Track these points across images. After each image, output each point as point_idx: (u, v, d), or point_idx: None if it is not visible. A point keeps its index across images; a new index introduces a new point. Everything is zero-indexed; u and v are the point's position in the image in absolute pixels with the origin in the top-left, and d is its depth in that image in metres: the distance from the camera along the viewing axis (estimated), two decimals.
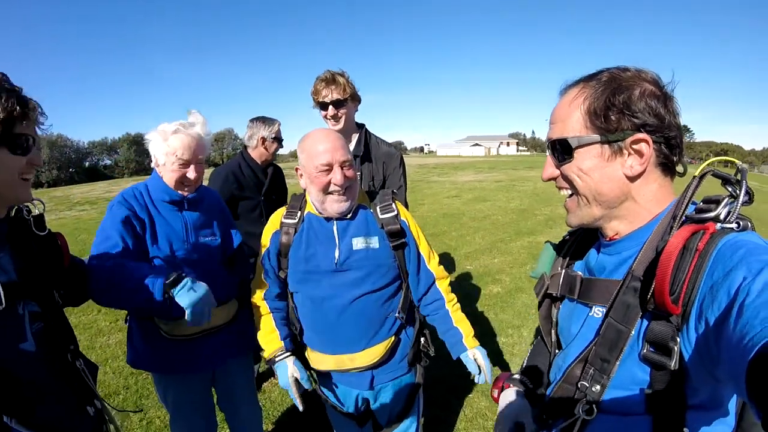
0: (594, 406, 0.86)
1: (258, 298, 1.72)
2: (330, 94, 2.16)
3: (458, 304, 1.75)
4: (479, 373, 1.64)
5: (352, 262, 1.56)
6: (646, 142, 0.80)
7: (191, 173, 1.74)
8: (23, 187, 1.08)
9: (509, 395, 1.17)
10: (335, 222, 1.58)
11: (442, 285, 1.73)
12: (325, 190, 1.49)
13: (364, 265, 1.56)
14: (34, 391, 1.07)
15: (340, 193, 1.50)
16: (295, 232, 1.60)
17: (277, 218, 1.67)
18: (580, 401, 0.88)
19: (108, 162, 69.70)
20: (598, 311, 0.91)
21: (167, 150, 1.70)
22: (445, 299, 1.72)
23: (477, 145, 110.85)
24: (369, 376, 1.65)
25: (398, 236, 1.61)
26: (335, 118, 2.21)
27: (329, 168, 1.47)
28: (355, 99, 2.28)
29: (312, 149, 1.49)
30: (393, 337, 1.65)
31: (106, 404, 1.31)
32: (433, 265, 1.72)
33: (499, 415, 1.15)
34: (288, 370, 1.59)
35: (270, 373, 3.43)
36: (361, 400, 1.74)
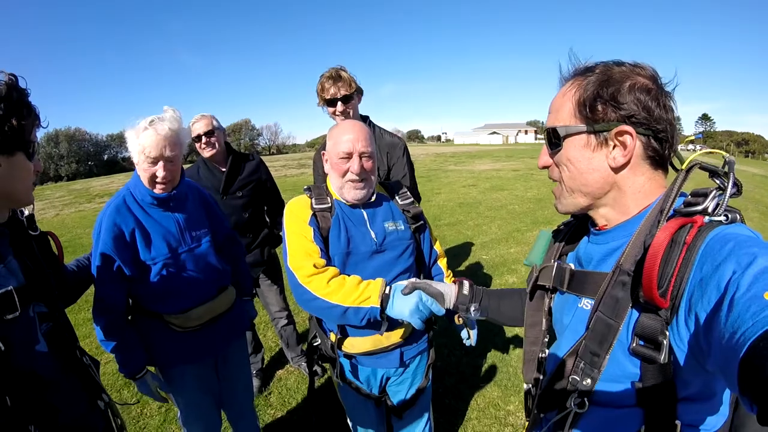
0: (586, 399, 0.88)
1: (317, 269, 1.49)
2: (338, 91, 2.20)
3: (452, 279, 1.87)
4: (468, 338, 1.74)
5: (388, 243, 1.65)
6: (630, 134, 0.81)
7: (160, 171, 1.70)
8: (31, 190, 1.13)
9: (447, 285, 1.41)
10: (363, 210, 1.67)
11: (443, 262, 1.89)
12: (343, 177, 1.58)
13: (397, 246, 1.66)
14: (53, 393, 1.10)
15: (356, 181, 1.57)
16: (332, 215, 1.64)
17: (306, 204, 1.64)
18: (571, 394, 0.90)
19: (127, 154, 70.86)
20: (587, 303, 0.92)
21: (138, 148, 1.68)
22: (445, 274, 1.87)
23: (494, 133, 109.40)
24: (398, 353, 1.71)
25: (419, 219, 1.76)
26: (344, 113, 2.24)
27: (349, 156, 1.56)
28: (360, 92, 2.32)
29: (337, 137, 1.58)
30: None
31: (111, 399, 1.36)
32: (437, 245, 1.89)
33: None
34: (405, 281, 1.42)
35: (285, 361, 3.50)
36: (384, 379, 1.80)
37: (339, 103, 2.22)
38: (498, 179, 15.49)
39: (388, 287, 1.46)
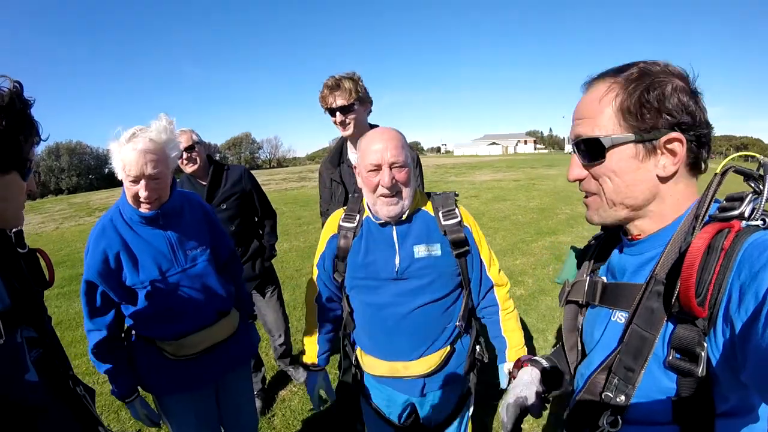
0: (619, 416, 0.83)
1: (311, 299, 1.77)
2: (335, 101, 2.15)
3: (514, 312, 1.69)
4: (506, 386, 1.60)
5: (414, 270, 1.50)
6: (680, 141, 0.77)
7: (142, 191, 1.54)
8: (22, 210, 1.04)
9: (525, 373, 1.14)
10: (394, 227, 1.53)
11: (500, 292, 1.67)
12: (374, 192, 1.46)
13: (426, 274, 1.51)
14: (45, 427, 1.01)
15: (388, 195, 1.44)
16: (354, 236, 1.56)
17: (335, 221, 1.63)
18: (604, 412, 0.85)
19: None
20: (620, 316, 0.88)
21: (119, 164, 1.54)
22: (500, 307, 1.66)
23: (494, 144, 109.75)
24: (420, 383, 1.60)
25: (462, 245, 1.54)
26: (343, 124, 2.19)
27: (378, 168, 1.42)
28: (365, 102, 2.23)
29: (365, 148, 1.46)
30: (449, 347, 1.61)
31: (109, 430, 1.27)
32: (493, 272, 1.65)
33: (509, 389, 1.12)
34: (317, 383, 1.77)
35: (288, 381, 3.42)
36: (407, 406, 1.70)
37: (337, 113, 2.16)
38: (499, 190, 15.45)
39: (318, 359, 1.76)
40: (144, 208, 1.61)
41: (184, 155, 2.66)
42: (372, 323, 1.60)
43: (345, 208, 1.65)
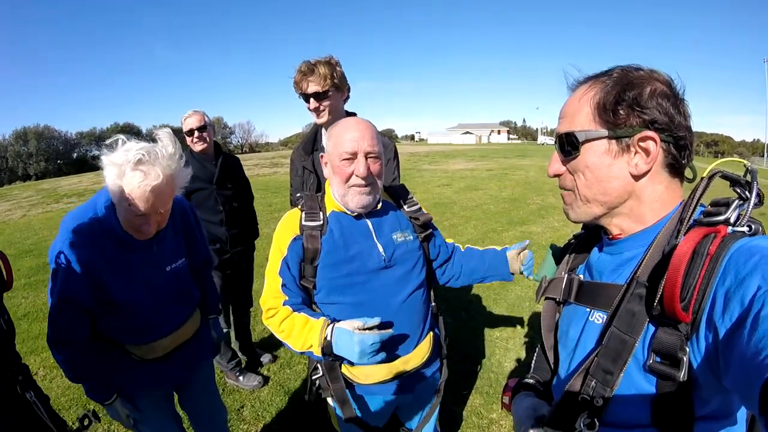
0: (596, 419, 0.82)
1: (274, 310, 1.47)
2: (308, 87, 2.06)
3: None
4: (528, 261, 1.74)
5: (398, 256, 1.51)
6: (654, 140, 0.78)
7: (145, 226, 1.43)
8: None
9: (522, 398, 1.12)
10: (366, 218, 1.51)
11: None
12: (347, 182, 1.41)
13: (408, 259, 1.53)
14: None
15: (362, 185, 1.40)
16: (322, 234, 1.46)
17: (294, 222, 1.49)
18: (581, 414, 0.84)
19: (97, 153, 68.66)
20: (598, 317, 0.88)
21: (117, 190, 1.37)
22: (463, 246, 1.84)
23: (468, 133, 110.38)
24: (411, 379, 1.56)
25: (428, 227, 1.62)
26: (317, 111, 2.11)
27: (353, 157, 1.38)
28: (341, 89, 2.14)
29: (339, 136, 1.41)
30: (431, 332, 1.64)
31: None
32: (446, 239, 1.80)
33: (517, 417, 1.08)
34: (345, 326, 1.32)
35: (256, 369, 3.34)
36: (393, 410, 1.67)
37: (311, 99, 2.07)
38: (472, 179, 15.56)
39: (330, 328, 1.34)
40: (139, 237, 1.53)
41: (196, 134, 2.85)
42: None
43: (300, 207, 1.53)
